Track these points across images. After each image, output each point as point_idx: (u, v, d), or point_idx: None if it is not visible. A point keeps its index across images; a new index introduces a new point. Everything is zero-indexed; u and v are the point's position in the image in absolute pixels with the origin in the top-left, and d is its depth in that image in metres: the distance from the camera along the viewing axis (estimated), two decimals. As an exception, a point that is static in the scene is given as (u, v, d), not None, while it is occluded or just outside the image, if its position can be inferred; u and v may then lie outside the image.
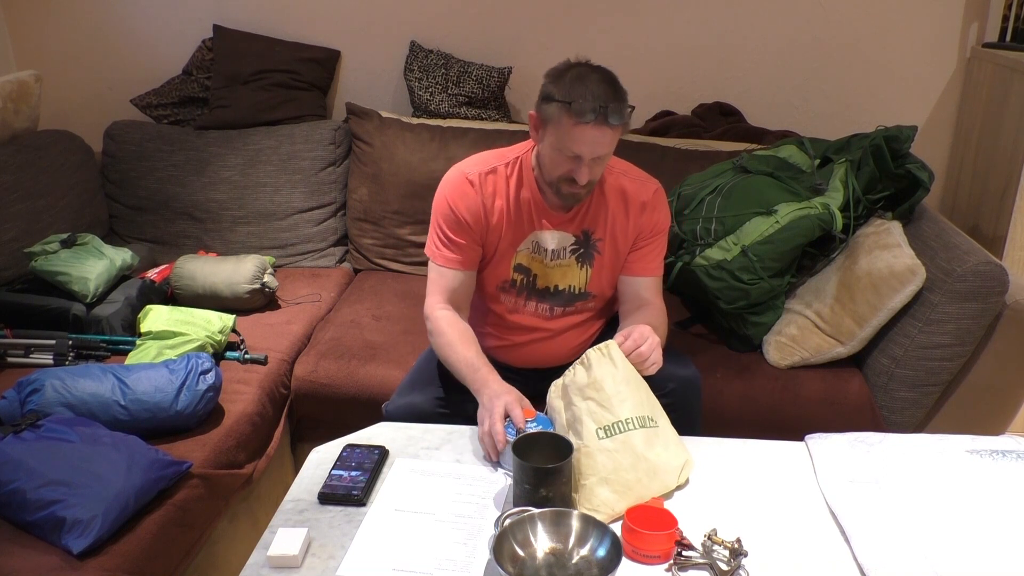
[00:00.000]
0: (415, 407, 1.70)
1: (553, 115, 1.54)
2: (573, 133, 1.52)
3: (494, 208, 1.70)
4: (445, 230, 1.70)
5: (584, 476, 1.37)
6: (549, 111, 1.55)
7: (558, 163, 1.58)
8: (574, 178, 1.57)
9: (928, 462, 1.41)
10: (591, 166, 1.57)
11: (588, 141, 1.53)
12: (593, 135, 1.52)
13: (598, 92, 1.51)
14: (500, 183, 1.71)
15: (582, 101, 1.50)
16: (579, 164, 1.56)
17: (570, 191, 1.62)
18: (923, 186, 2.10)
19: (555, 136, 1.56)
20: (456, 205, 1.69)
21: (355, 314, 2.33)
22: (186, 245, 2.65)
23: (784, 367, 2.08)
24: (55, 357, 2.00)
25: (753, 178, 2.19)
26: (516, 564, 1.20)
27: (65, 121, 2.86)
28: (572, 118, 1.51)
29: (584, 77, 1.53)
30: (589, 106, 1.49)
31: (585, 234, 1.73)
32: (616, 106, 1.52)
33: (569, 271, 1.75)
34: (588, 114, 1.49)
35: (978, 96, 2.54)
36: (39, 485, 1.43)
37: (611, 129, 1.53)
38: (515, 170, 1.71)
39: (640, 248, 1.76)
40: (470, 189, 1.69)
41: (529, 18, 2.73)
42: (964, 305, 1.87)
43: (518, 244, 1.73)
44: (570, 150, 1.54)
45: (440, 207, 1.71)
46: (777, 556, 1.28)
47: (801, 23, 2.65)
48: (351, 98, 2.84)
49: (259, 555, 1.26)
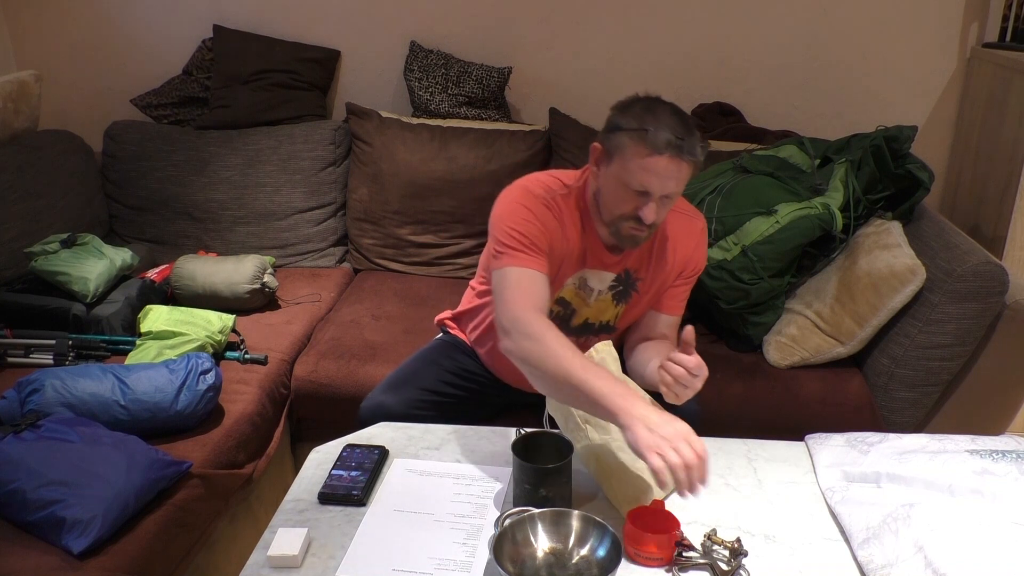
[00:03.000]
0: (383, 407, 1.69)
1: (623, 145, 1.44)
2: (646, 164, 1.42)
3: (565, 236, 1.58)
4: (525, 235, 1.51)
5: (616, 470, 1.36)
6: (618, 141, 1.45)
7: (622, 199, 1.48)
8: (639, 216, 1.47)
9: (928, 462, 1.41)
10: (659, 204, 1.46)
11: (661, 174, 1.42)
12: (667, 168, 1.42)
13: (672, 123, 1.42)
14: (567, 212, 1.59)
15: (657, 131, 1.40)
16: (646, 201, 1.45)
17: (631, 232, 1.51)
18: (923, 186, 2.10)
19: (622, 168, 1.45)
20: (537, 215, 1.54)
21: (355, 314, 2.33)
22: (186, 245, 2.65)
23: (784, 367, 2.08)
24: (55, 357, 2.00)
25: (753, 178, 2.19)
26: (516, 564, 1.20)
27: (65, 121, 2.87)
28: (646, 148, 1.41)
29: (654, 108, 1.45)
30: (664, 137, 1.40)
31: (627, 272, 1.66)
32: (692, 140, 1.42)
33: (605, 308, 1.69)
34: (663, 145, 1.40)
35: (978, 96, 2.54)
36: (39, 485, 1.43)
37: (686, 164, 1.43)
38: (576, 203, 1.60)
39: (676, 286, 1.70)
40: (546, 209, 1.56)
41: (529, 18, 2.73)
42: (964, 305, 1.87)
43: (566, 279, 1.65)
44: (640, 184, 1.44)
45: (516, 214, 1.53)
46: (777, 556, 1.28)
47: (801, 23, 2.65)
48: (351, 98, 2.84)
49: (259, 555, 1.26)
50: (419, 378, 1.76)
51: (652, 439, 1.19)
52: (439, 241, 2.61)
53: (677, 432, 1.20)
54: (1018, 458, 1.41)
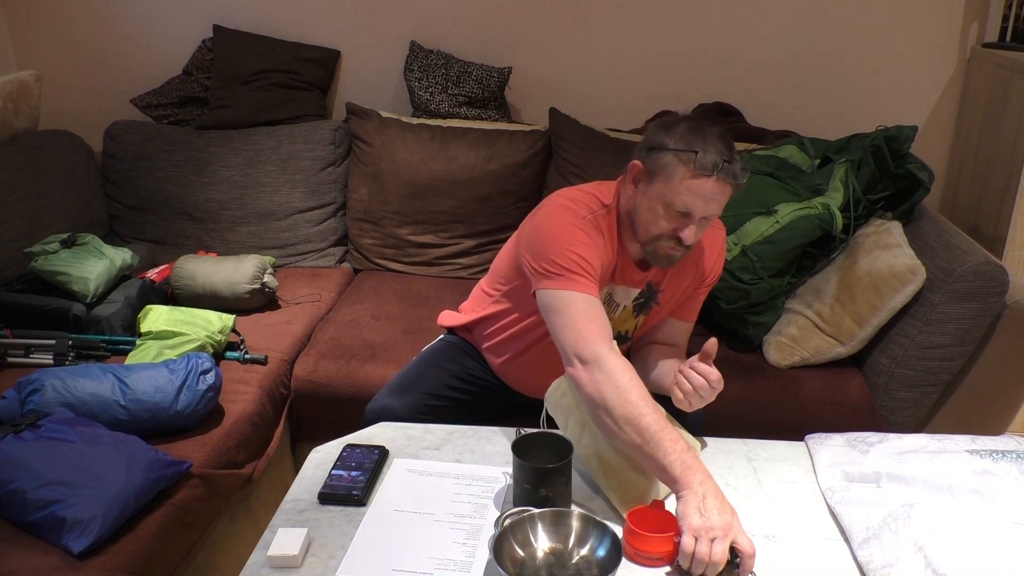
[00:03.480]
0: (387, 411, 1.69)
1: (668, 165, 1.43)
2: (692, 186, 1.41)
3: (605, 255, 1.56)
4: (586, 259, 1.47)
5: (617, 470, 1.36)
6: (662, 160, 1.44)
7: (663, 219, 1.46)
8: (679, 237, 1.46)
9: (928, 462, 1.41)
10: (699, 226, 1.46)
11: (707, 196, 1.42)
12: (712, 190, 1.42)
13: (719, 146, 1.42)
14: (606, 230, 1.57)
15: (705, 153, 1.40)
16: (687, 222, 1.45)
17: (668, 252, 1.50)
18: (923, 186, 2.10)
19: (666, 188, 1.44)
20: (592, 238, 1.52)
21: (355, 314, 2.33)
22: (186, 245, 2.65)
23: (784, 367, 2.08)
24: (55, 357, 2.00)
25: (753, 178, 2.19)
26: (516, 564, 1.20)
27: (65, 121, 2.87)
28: (692, 170, 1.41)
29: (701, 129, 1.43)
30: (712, 159, 1.39)
31: (649, 285, 1.65)
32: (738, 163, 1.43)
33: (625, 320, 1.69)
34: (711, 167, 1.39)
35: (978, 96, 2.54)
36: (39, 485, 1.43)
37: (731, 187, 1.44)
38: (610, 220, 1.58)
39: (692, 295, 1.70)
40: (598, 235, 1.54)
41: (529, 18, 2.73)
42: (964, 305, 1.87)
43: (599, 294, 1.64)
44: (684, 205, 1.43)
45: (577, 238, 1.49)
46: (777, 556, 1.28)
47: (801, 23, 2.65)
48: (351, 98, 2.84)
49: (259, 555, 1.26)
50: (424, 382, 1.75)
51: (698, 522, 1.20)
52: (439, 241, 2.61)
53: (723, 524, 1.20)
54: (1018, 458, 1.41)
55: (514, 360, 1.76)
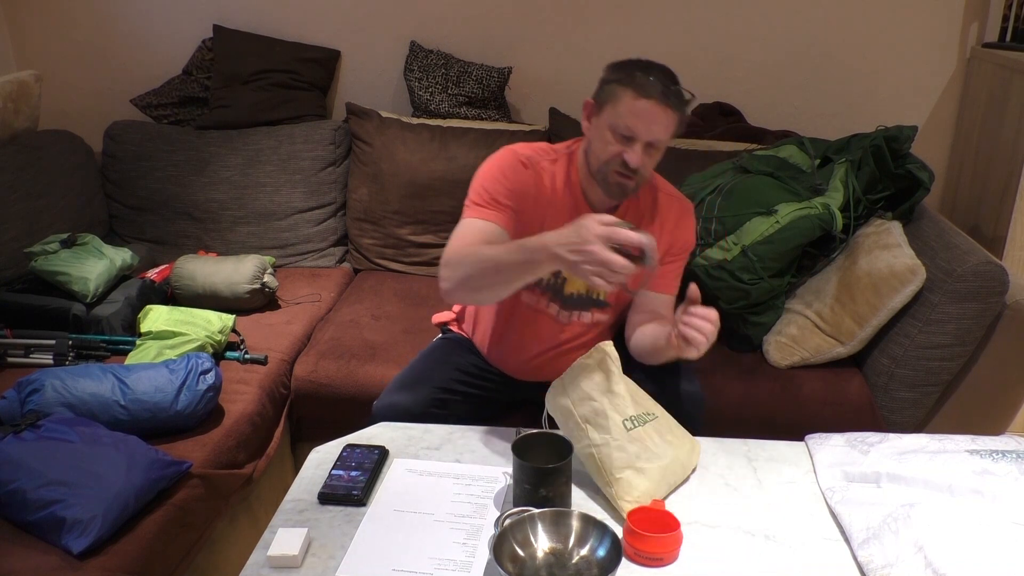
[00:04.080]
0: (398, 406, 1.69)
1: (612, 93, 1.52)
2: (634, 107, 1.49)
3: (540, 195, 1.64)
4: (491, 191, 1.60)
5: (618, 470, 1.37)
6: (608, 90, 1.53)
7: (609, 144, 1.53)
8: (625, 161, 1.52)
9: (928, 462, 1.41)
10: (645, 151, 1.53)
11: (647, 117, 1.49)
12: (653, 111, 1.49)
13: (661, 73, 1.51)
14: (548, 177, 1.65)
15: (645, 77, 1.49)
16: (632, 144, 1.52)
17: (619, 180, 1.56)
18: (923, 186, 2.10)
19: (612, 114, 1.52)
20: (507, 175, 1.61)
21: (355, 314, 2.33)
22: (186, 245, 2.65)
23: (784, 367, 2.08)
24: (55, 357, 2.00)
25: (753, 178, 2.19)
26: (516, 564, 1.20)
27: (65, 121, 2.86)
28: (633, 92, 1.49)
29: (645, 62, 1.53)
30: (652, 84, 1.48)
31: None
32: (679, 89, 1.51)
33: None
34: (651, 89, 1.48)
35: (978, 96, 2.54)
36: (39, 485, 1.43)
37: (672, 112, 1.50)
38: (565, 165, 1.66)
39: (665, 264, 1.72)
40: (523, 169, 1.63)
41: (529, 18, 2.73)
42: (964, 305, 1.87)
43: None
44: (627, 127, 1.50)
45: (489, 173, 1.62)
46: (777, 556, 1.28)
47: (801, 23, 2.65)
48: (351, 98, 2.84)
49: (259, 555, 1.26)
50: (433, 377, 1.76)
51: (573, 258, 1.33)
52: (439, 241, 2.61)
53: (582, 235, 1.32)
54: (1018, 458, 1.41)
55: (498, 341, 1.79)
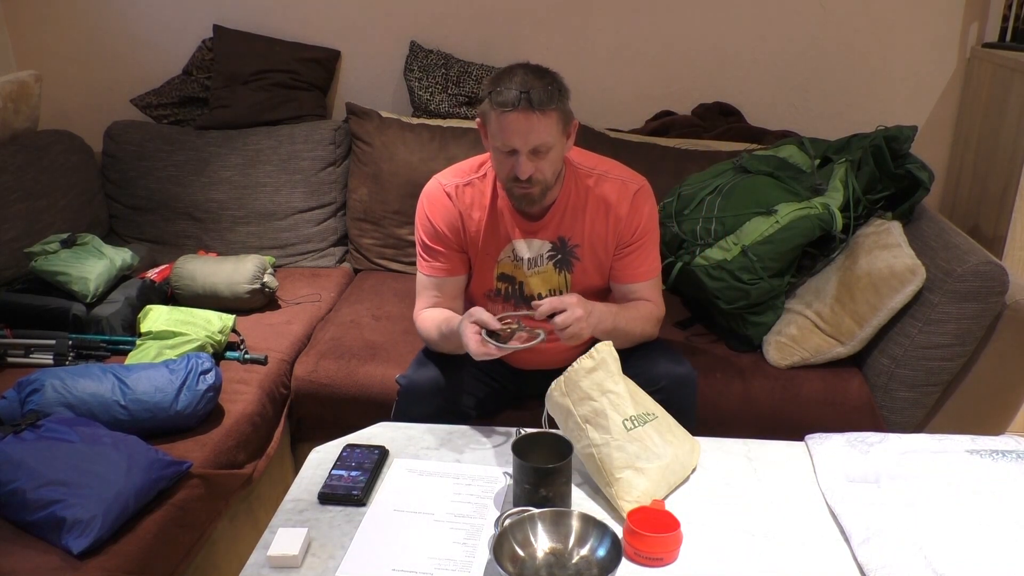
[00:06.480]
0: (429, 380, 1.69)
1: (485, 112, 1.54)
2: (502, 123, 1.48)
3: (471, 219, 1.69)
4: (425, 240, 1.73)
5: (617, 470, 1.37)
6: (482, 109, 1.55)
7: (501, 162, 1.55)
8: (516, 175, 1.53)
9: (928, 462, 1.41)
10: (533, 160, 1.51)
11: (516, 129, 1.48)
12: (518, 121, 1.47)
13: (520, 80, 1.48)
14: (476, 194, 1.70)
15: (503, 90, 1.47)
16: (517, 158, 1.51)
17: (521, 192, 1.57)
18: (923, 186, 2.10)
19: (492, 134, 1.53)
20: (433, 217, 1.71)
21: (355, 314, 2.33)
22: (186, 245, 2.65)
23: (784, 367, 2.08)
24: (55, 357, 2.00)
25: (753, 178, 2.19)
26: (516, 564, 1.20)
27: (65, 121, 2.86)
28: (498, 108, 1.48)
29: (510, 70, 1.51)
30: (510, 94, 1.46)
31: (561, 240, 1.70)
32: (540, 89, 1.47)
33: (548, 277, 1.73)
34: (509, 102, 1.46)
35: (978, 96, 2.54)
36: (39, 485, 1.43)
37: (539, 114, 1.48)
38: (492, 179, 1.68)
39: (626, 255, 1.71)
40: (447, 201, 1.70)
41: (529, 18, 2.73)
42: (964, 305, 1.87)
43: (497, 254, 1.72)
44: (504, 144, 1.51)
45: (420, 219, 1.74)
46: (777, 556, 1.28)
47: (801, 23, 2.65)
48: (351, 98, 2.84)
49: (259, 555, 1.26)
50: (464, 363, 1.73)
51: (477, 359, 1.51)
52: (439, 241, 2.61)
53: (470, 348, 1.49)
54: (1018, 458, 1.41)
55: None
